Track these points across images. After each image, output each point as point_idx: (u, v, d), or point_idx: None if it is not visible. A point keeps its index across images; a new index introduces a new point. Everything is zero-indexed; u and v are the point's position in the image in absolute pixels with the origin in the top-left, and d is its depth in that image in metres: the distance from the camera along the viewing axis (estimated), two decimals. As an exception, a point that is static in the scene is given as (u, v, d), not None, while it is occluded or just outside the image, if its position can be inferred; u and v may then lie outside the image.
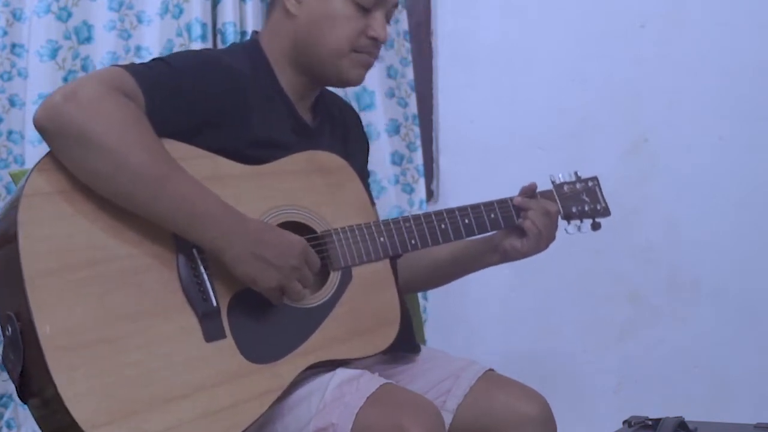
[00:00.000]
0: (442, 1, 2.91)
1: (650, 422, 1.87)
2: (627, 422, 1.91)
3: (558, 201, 1.78)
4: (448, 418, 1.58)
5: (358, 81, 1.64)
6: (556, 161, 2.74)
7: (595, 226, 1.83)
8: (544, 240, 1.71)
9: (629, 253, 2.70)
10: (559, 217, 1.76)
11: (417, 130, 2.83)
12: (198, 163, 1.40)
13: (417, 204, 2.82)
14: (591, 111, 2.76)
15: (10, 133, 2.49)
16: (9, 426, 2.41)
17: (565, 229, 1.80)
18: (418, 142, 2.82)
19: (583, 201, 1.81)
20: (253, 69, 1.57)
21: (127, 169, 1.31)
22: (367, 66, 1.63)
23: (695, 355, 2.68)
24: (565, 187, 1.81)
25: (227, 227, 1.37)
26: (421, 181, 2.82)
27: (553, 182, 1.81)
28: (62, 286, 1.28)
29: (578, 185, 1.82)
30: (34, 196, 1.31)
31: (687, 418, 1.88)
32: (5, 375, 2.42)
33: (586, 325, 2.76)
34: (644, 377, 2.73)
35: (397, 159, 2.82)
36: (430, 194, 2.91)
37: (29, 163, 2.39)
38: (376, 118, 2.74)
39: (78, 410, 1.23)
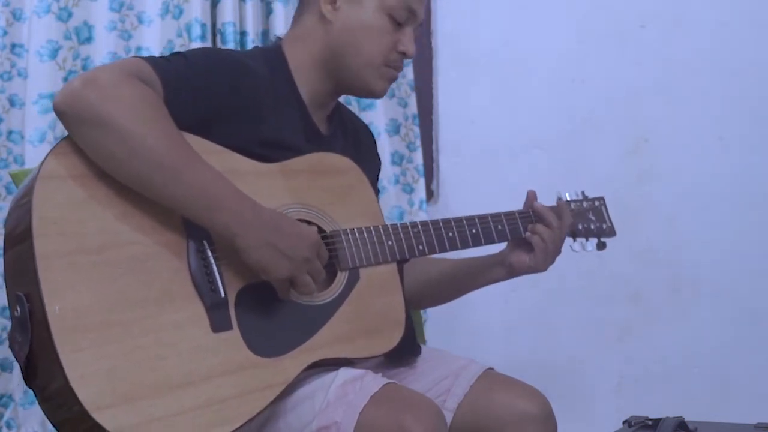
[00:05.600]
0: (442, 1, 2.91)
1: (650, 422, 1.88)
2: (627, 422, 1.91)
3: None
4: (448, 417, 1.58)
5: (382, 93, 1.66)
6: (556, 161, 2.76)
7: (600, 246, 1.84)
8: (551, 254, 1.73)
9: (629, 254, 2.70)
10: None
11: (417, 130, 2.83)
12: (211, 157, 1.40)
13: (417, 204, 2.82)
14: (591, 111, 2.77)
15: (10, 133, 2.48)
16: (9, 426, 2.41)
17: (571, 246, 1.82)
18: (418, 142, 2.82)
19: (589, 219, 1.84)
20: (271, 71, 1.58)
21: (145, 152, 1.32)
22: (392, 80, 1.66)
23: (695, 355, 2.68)
24: (572, 205, 1.82)
25: (242, 214, 1.37)
26: (421, 181, 2.82)
27: (559, 199, 1.82)
28: (73, 269, 1.29)
29: (585, 204, 1.84)
30: (49, 179, 1.32)
31: (687, 418, 1.88)
32: (6, 374, 2.42)
33: (587, 325, 2.76)
34: (644, 377, 2.73)
35: (397, 159, 2.82)
36: (430, 194, 2.91)
37: (29, 163, 2.39)
38: (376, 118, 2.74)
39: (83, 391, 1.23)
